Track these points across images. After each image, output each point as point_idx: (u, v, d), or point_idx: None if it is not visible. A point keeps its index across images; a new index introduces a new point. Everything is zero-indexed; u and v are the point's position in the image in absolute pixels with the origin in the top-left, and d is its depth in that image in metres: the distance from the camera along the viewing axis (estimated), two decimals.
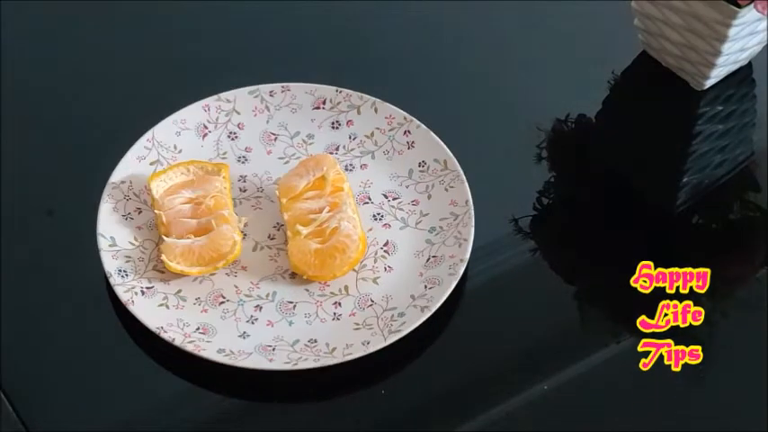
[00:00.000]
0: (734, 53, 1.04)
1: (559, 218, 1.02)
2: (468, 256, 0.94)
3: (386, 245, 0.97)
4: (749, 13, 0.99)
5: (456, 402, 0.89)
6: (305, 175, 0.97)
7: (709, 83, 1.07)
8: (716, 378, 0.91)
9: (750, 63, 1.09)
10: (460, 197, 0.98)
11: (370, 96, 1.03)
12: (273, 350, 0.90)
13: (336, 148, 1.02)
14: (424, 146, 1.01)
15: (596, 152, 1.08)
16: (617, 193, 1.03)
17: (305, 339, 0.91)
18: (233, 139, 1.03)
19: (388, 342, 0.89)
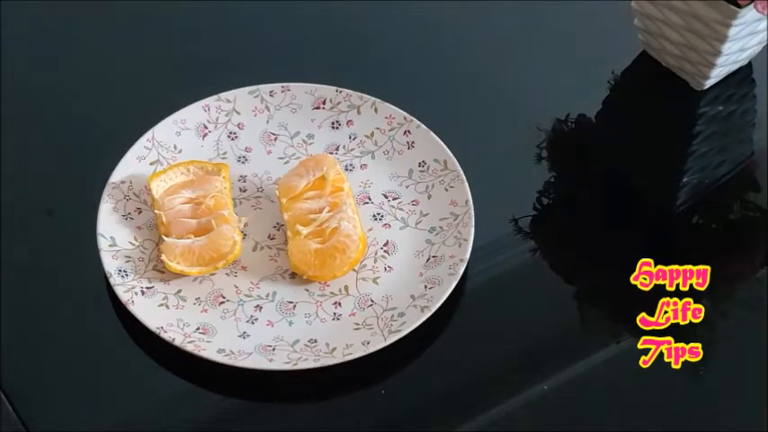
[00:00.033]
0: (734, 53, 1.04)
1: (559, 218, 1.02)
2: (468, 256, 0.94)
3: (386, 245, 0.97)
4: (749, 13, 0.99)
5: (456, 402, 0.89)
6: (305, 175, 0.97)
7: (709, 83, 1.07)
8: (716, 378, 0.91)
9: (750, 63, 1.09)
10: (460, 197, 0.98)
11: (370, 96, 1.03)
12: (273, 350, 0.90)
13: (336, 148, 1.02)
14: (424, 146, 1.01)
15: (596, 152, 1.08)
16: (617, 193, 1.03)
17: (305, 339, 0.91)
18: (233, 139, 1.03)
19: (388, 342, 0.89)
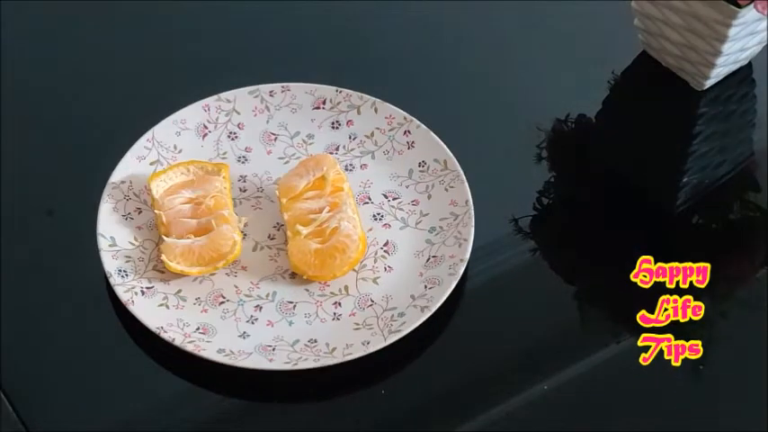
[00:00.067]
0: (734, 53, 1.04)
1: (559, 218, 1.02)
2: (468, 256, 0.94)
3: (386, 245, 0.97)
4: (749, 13, 0.99)
5: (456, 402, 0.89)
6: (305, 175, 0.97)
7: (709, 83, 1.07)
8: (716, 378, 0.91)
9: (750, 63, 1.09)
10: (460, 197, 0.98)
11: (370, 96, 1.03)
12: (273, 350, 0.90)
13: (336, 148, 1.02)
14: (424, 146, 1.01)
15: (596, 152, 1.08)
16: (617, 193, 1.03)
17: (305, 339, 0.91)
18: (233, 139, 1.03)
19: (388, 342, 0.89)
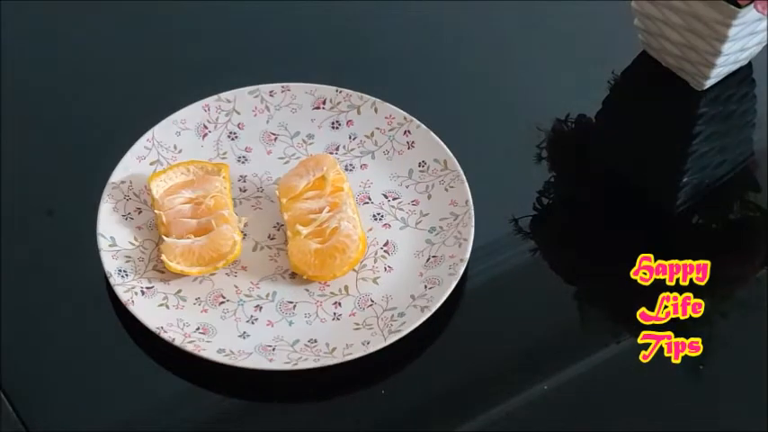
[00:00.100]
0: (734, 53, 1.04)
1: (559, 218, 1.02)
2: (468, 256, 0.94)
3: (386, 245, 0.97)
4: (749, 13, 0.99)
5: (456, 402, 0.89)
6: (305, 175, 0.97)
7: (709, 83, 1.07)
8: (716, 378, 0.91)
9: (750, 63, 1.09)
10: (460, 197, 0.98)
11: (370, 96, 1.03)
12: (273, 350, 0.90)
13: (336, 148, 1.02)
14: (424, 146, 1.01)
15: (596, 152, 1.08)
16: (617, 193, 1.03)
17: (305, 339, 0.91)
18: (233, 139, 1.03)
19: (388, 342, 0.89)
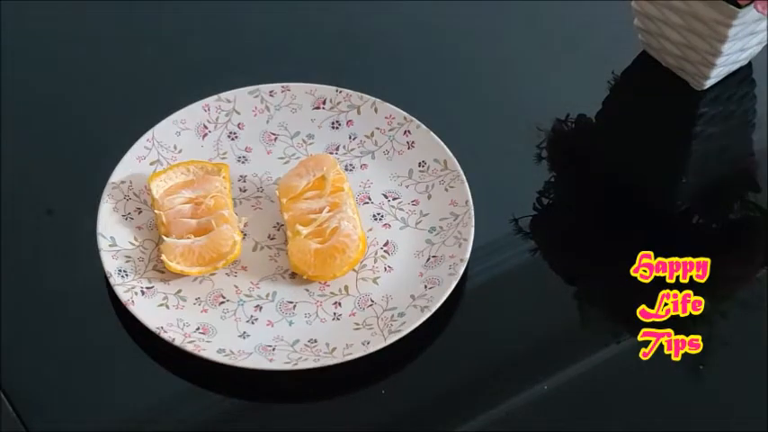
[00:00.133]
0: (734, 53, 1.04)
1: (559, 218, 1.02)
2: (468, 256, 0.94)
3: (386, 245, 0.97)
4: (749, 13, 0.99)
5: (456, 402, 0.89)
6: (305, 175, 0.97)
7: (709, 83, 1.07)
8: (716, 378, 0.91)
9: (750, 63, 1.09)
10: (460, 197, 0.98)
11: (370, 96, 1.03)
12: (273, 350, 0.90)
13: (336, 148, 1.02)
14: (424, 146, 1.01)
15: (596, 152, 1.08)
16: (617, 193, 1.03)
17: (305, 339, 0.91)
18: (233, 139, 1.03)
19: (388, 342, 0.89)
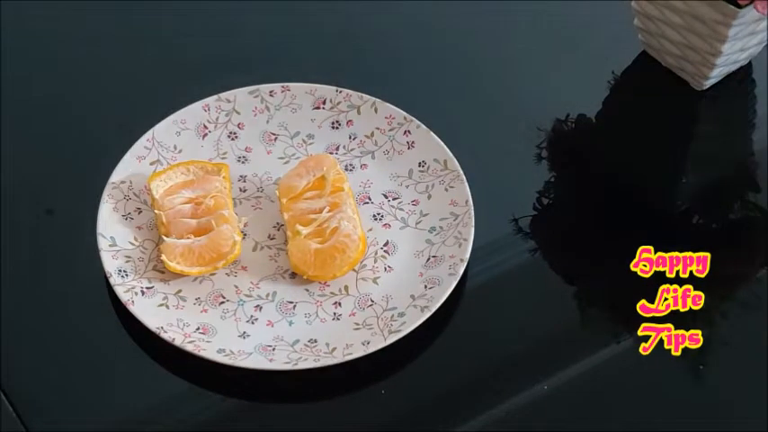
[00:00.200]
0: (734, 53, 1.04)
1: (559, 218, 1.02)
2: (468, 256, 0.94)
3: (386, 245, 0.97)
4: (749, 13, 0.99)
5: (456, 402, 0.89)
6: (305, 175, 0.97)
7: (709, 83, 1.07)
8: (716, 378, 0.91)
9: (750, 63, 1.09)
10: (460, 197, 0.98)
11: (370, 96, 1.03)
12: (273, 350, 0.90)
13: (336, 148, 1.02)
14: (423, 146, 1.01)
15: (596, 152, 1.08)
16: (617, 193, 1.03)
17: (305, 339, 0.91)
18: (233, 139, 1.03)
19: (388, 342, 0.89)
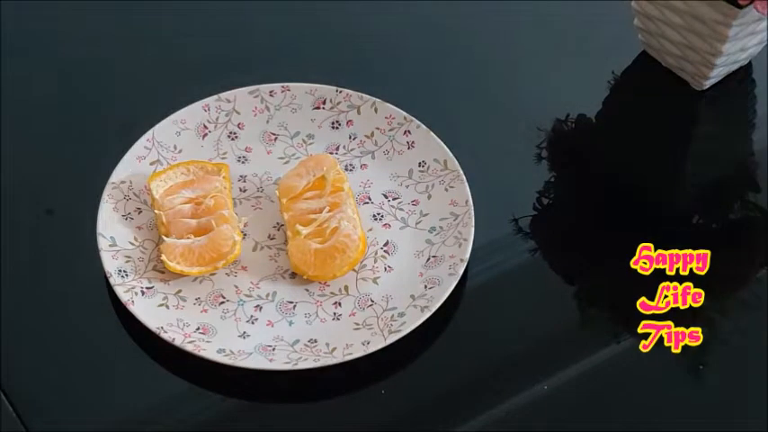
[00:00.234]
0: (734, 53, 1.04)
1: (559, 218, 1.02)
2: (468, 256, 0.94)
3: (386, 245, 0.97)
4: (749, 13, 0.99)
5: (456, 402, 0.89)
6: (305, 175, 0.97)
7: (709, 83, 1.07)
8: (716, 379, 0.91)
9: (750, 63, 1.09)
10: (460, 197, 0.98)
11: (370, 96, 1.03)
12: (273, 350, 0.90)
13: (336, 148, 1.02)
14: (423, 146, 1.01)
15: (596, 152, 1.08)
16: (617, 193, 1.03)
17: (305, 339, 0.91)
18: (233, 139, 1.03)
19: (388, 342, 0.89)
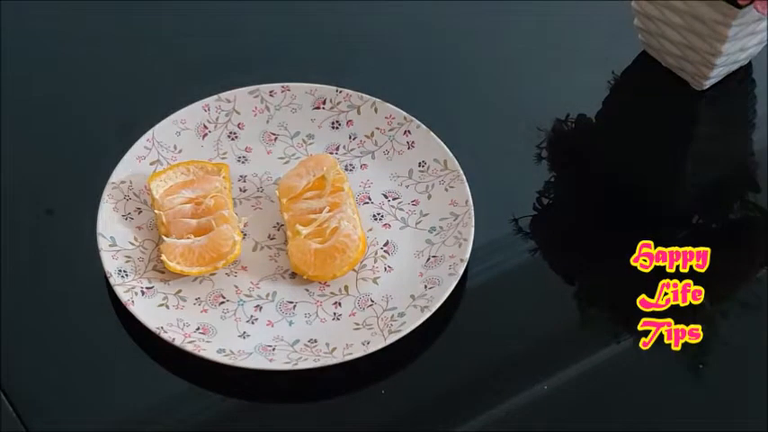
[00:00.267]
0: (734, 53, 1.04)
1: (559, 218, 1.02)
2: (468, 256, 0.94)
3: (386, 245, 0.97)
4: (749, 13, 0.99)
5: (456, 402, 0.89)
6: (305, 175, 0.97)
7: (709, 83, 1.07)
8: (716, 379, 0.91)
9: (750, 63, 1.09)
10: (460, 197, 0.98)
11: (370, 96, 1.03)
12: (273, 350, 0.90)
13: (336, 148, 1.02)
14: (423, 146, 1.01)
15: (596, 152, 1.08)
16: (617, 193, 1.03)
17: (305, 339, 0.91)
18: (233, 139, 1.03)
19: (388, 342, 0.89)
